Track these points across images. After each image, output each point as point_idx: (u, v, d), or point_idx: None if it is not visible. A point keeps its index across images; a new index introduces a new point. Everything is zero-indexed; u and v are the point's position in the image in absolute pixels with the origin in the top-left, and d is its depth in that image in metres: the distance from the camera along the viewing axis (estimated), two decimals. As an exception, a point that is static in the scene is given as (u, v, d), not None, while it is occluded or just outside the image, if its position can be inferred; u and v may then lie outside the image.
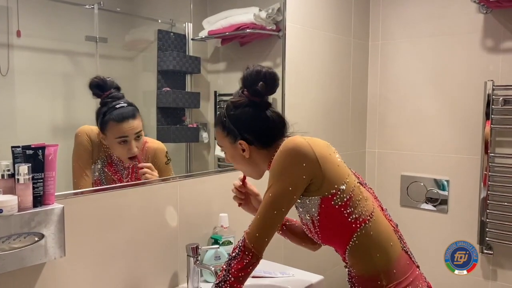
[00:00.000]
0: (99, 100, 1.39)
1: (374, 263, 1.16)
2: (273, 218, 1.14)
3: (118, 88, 1.42)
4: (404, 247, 1.21)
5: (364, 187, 1.22)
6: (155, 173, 1.50)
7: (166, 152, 1.59)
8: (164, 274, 1.53)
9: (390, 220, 1.24)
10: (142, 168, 1.47)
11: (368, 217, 1.15)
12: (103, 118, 1.38)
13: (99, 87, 1.37)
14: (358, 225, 1.14)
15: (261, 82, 1.22)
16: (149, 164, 1.49)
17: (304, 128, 1.30)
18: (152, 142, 1.56)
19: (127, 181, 1.47)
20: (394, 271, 1.15)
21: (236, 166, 1.33)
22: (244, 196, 1.44)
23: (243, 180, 1.43)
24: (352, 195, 1.14)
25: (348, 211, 1.14)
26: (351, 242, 1.16)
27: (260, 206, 1.16)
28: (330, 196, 1.14)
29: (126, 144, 1.43)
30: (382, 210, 1.24)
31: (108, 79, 1.39)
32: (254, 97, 1.25)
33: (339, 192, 1.14)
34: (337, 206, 1.14)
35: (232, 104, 1.27)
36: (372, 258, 1.16)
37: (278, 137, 1.27)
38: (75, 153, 1.36)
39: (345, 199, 1.14)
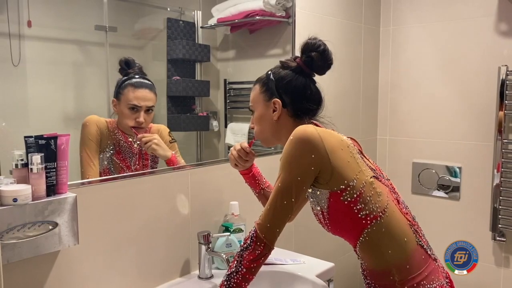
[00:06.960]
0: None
1: (385, 259, 1.13)
2: (283, 208, 1.12)
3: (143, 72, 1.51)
4: (420, 241, 1.16)
5: (381, 181, 1.17)
6: (162, 144, 1.52)
7: (169, 132, 1.60)
8: (176, 261, 1.55)
9: (406, 214, 1.18)
10: (144, 140, 1.48)
11: (380, 214, 1.11)
12: (122, 83, 1.44)
13: (127, 63, 1.46)
14: (369, 222, 1.11)
15: (316, 53, 1.22)
16: (152, 135, 1.51)
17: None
18: (156, 125, 1.57)
19: (135, 168, 1.49)
20: (408, 266, 1.12)
21: (258, 128, 1.31)
22: (245, 159, 1.41)
23: (250, 144, 1.41)
24: (362, 191, 1.11)
25: (358, 207, 1.11)
26: (361, 238, 1.13)
27: (270, 196, 1.15)
28: (339, 191, 1.11)
29: (135, 113, 1.46)
30: (399, 203, 1.19)
31: (137, 64, 1.49)
32: (305, 66, 1.25)
33: (348, 188, 1.10)
34: (346, 202, 1.11)
35: (281, 63, 1.28)
36: (384, 254, 1.12)
37: (310, 113, 1.27)
38: (83, 143, 1.37)
39: (354, 195, 1.10)
